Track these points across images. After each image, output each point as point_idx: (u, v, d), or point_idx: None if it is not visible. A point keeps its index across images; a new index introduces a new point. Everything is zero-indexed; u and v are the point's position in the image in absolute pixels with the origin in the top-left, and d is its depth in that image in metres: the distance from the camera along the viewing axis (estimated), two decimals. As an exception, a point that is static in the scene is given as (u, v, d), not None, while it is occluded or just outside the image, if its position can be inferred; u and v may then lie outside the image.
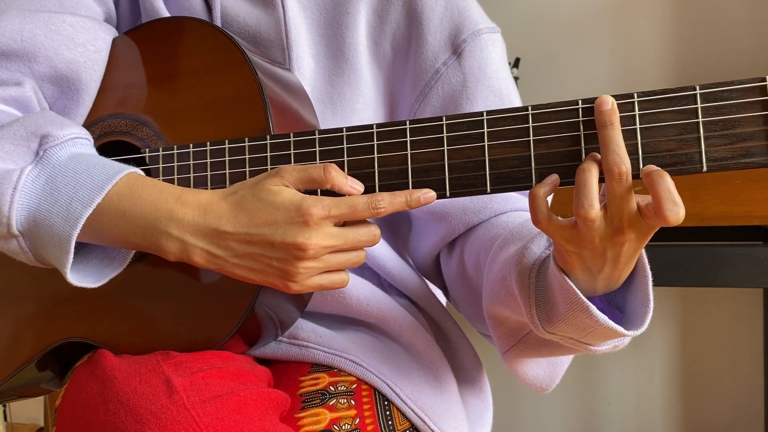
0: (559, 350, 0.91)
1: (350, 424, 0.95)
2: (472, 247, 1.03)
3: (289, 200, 0.82)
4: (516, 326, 0.94)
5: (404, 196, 0.83)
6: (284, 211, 0.81)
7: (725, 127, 0.70)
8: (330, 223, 0.82)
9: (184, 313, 0.93)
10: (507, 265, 0.89)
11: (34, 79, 0.97)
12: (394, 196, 0.83)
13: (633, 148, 0.73)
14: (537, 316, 0.84)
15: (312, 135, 0.87)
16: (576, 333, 0.82)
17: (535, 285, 0.84)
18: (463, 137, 0.81)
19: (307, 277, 0.84)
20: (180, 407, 0.78)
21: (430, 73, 1.06)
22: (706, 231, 1.58)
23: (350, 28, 1.06)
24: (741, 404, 1.96)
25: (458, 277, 1.07)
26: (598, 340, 0.83)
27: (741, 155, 0.70)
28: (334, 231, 0.83)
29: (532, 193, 0.77)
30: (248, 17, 1.06)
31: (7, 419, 2.10)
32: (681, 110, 0.72)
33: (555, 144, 0.77)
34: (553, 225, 0.76)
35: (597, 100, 0.74)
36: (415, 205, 0.82)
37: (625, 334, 0.79)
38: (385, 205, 0.82)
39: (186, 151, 0.93)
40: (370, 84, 1.08)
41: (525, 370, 0.99)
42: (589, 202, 0.72)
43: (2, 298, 1.06)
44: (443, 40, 1.05)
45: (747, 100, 0.69)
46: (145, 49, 1.02)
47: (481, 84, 1.05)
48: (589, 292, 0.80)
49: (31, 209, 0.85)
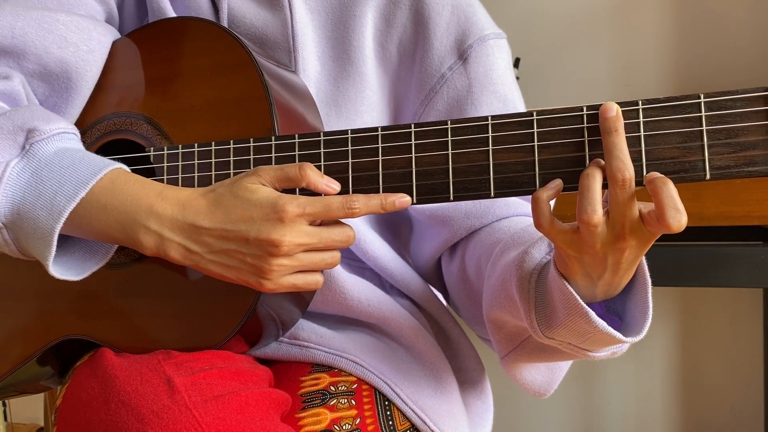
0: (558, 356, 0.92)
1: (351, 424, 0.95)
2: (474, 251, 1.03)
3: (265, 198, 0.82)
4: (515, 331, 0.94)
5: (379, 199, 0.83)
6: (260, 208, 0.82)
7: (729, 135, 0.70)
8: (305, 221, 0.83)
9: (185, 313, 0.93)
10: (507, 270, 0.89)
11: (24, 76, 0.98)
12: (369, 198, 0.83)
13: (637, 155, 0.73)
14: (536, 320, 0.84)
15: (317, 136, 0.87)
16: (575, 338, 0.83)
17: (535, 290, 0.84)
18: (467, 141, 0.81)
19: (281, 275, 0.84)
20: (182, 407, 0.78)
21: (436, 77, 1.06)
22: (706, 231, 1.58)
23: (356, 31, 1.06)
24: (741, 404, 1.96)
25: (459, 281, 1.07)
26: (597, 346, 0.83)
27: (744, 164, 0.70)
28: (309, 229, 0.83)
29: (535, 197, 0.77)
30: (255, 19, 1.06)
31: (7, 419, 2.09)
32: (685, 118, 0.72)
33: (559, 149, 0.77)
34: (555, 229, 0.76)
35: (602, 107, 0.74)
36: (390, 208, 0.83)
37: (623, 340, 0.79)
38: (360, 206, 0.83)
39: (191, 150, 0.93)
40: (375, 87, 1.08)
41: (523, 375, 0.99)
42: (592, 207, 0.72)
43: (5, 293, 1.06)
44: (449, 45, 1.06)
45: (751, 109, 0.70)
46: (152, 49, 1.02)
47: (486, 90, 1.05)
48: (589, 298, 0.81)
49: (16, 202, 0.85)
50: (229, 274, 0.85)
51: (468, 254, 1.05)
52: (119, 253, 0.97)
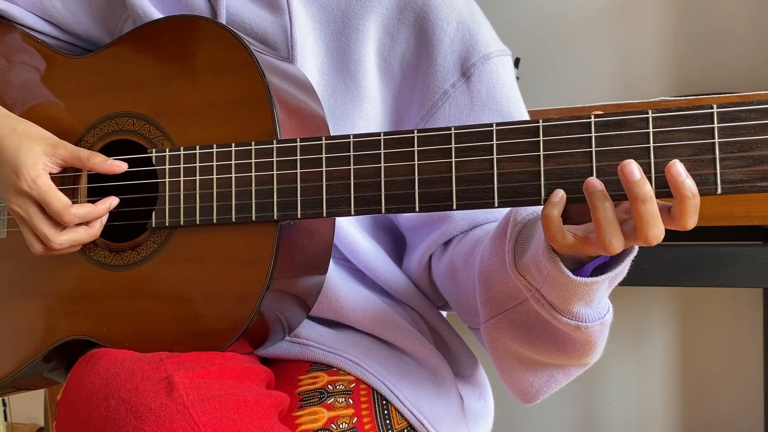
0: (536, 333, 0.91)
1: (348, 423, 0.95)
2: (465, 243, 1.03)
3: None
4: (501, 297, 0.93)
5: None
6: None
7: (742, 148, 0.68)
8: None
9: (188, 316, 0.93)
10: (502, 222, 0.90)
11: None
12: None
13: (646, 167, 0.71)
14: (514, 251, 0.85)
15: (319, 141, 0.86)
16: (538, 277, 0.82)
17: (519, 232, 0.85)
18: (471, 149, 0.79)
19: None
20: (179, 405, 0.78)
21: (438, 94, 1.05)
22: (706, 231, 1.58)
23: (358, 45, 1.06)
24: (741, 404, 1.96)
25: (447, 270, 1.07)
26: (555, 291, 0.81)
27: (758, 178, 0.67)
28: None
29: (548, 217, 0.75)
30: (254, 23, 1.05)
31: (7, 419, 2.09)
32: (697, 130, 0.70)
33: (566, 160, 0.75)
34: (567, 244, 0.75)
35: (623, 169, 0.70)
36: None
37: (572, 279, 0.78)
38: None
39: (192, 152, 0.93)
40: (374, 101, 1.08)
41: (512, 369, 0.97)
42: (617, 238, 0.71)
43: (11, 292, 1.07)
44: (453, 61, 1.05)
45: (766, 121, 0.67)
46: (153, 48, 1.01)
47: (487, 108, 1.05)
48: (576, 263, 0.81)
49: None
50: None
51: (460, 245, 1.05)
52: (123, 255, 0.98)
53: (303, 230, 0.94)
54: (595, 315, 0.82)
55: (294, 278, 0.96)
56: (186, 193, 0.93)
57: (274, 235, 0.89)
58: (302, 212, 0.87)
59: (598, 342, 0.86)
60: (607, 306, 0.84)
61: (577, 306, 0.80)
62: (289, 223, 0.90)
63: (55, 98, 1.08)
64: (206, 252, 0.93)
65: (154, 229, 0.96)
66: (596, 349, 0.87)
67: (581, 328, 0.82)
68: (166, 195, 0.94)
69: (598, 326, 0.83)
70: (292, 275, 0.95)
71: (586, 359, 0.89)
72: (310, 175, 0.87)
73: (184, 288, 0.94)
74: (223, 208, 0.91)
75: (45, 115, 1.06)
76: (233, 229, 0.91)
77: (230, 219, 0.91)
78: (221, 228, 0.92)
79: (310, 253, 0.97)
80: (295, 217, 0.87)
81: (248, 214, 0.90)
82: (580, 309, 0.81)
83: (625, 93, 1.99)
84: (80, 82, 1.06)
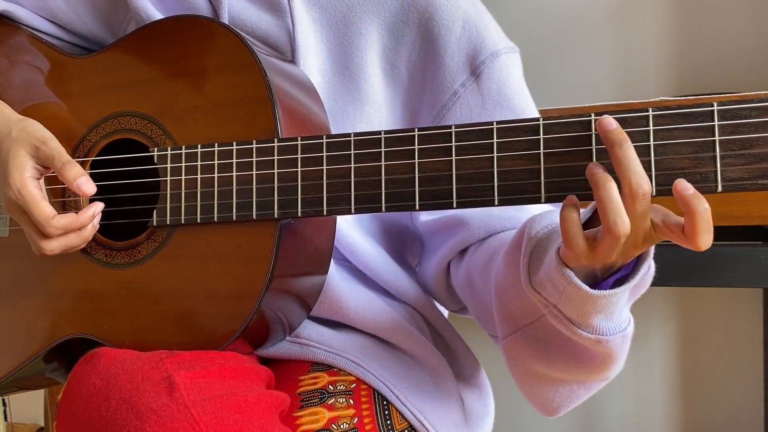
0: (555, 347, 0.90)
1: (348, 423, 0.95)
2: (489, 244, 1.02)
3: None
4: (518, 313, 0.92)
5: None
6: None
7: (743, 146, 0.68)
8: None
9: (189, 314, 0.93)
10: (516, 238, 0.89)
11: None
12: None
13: (646, 165, 0.70)
14: (528, 266, 0.83)
15: (319, 139, 0.87)
16: (554, 293, 0.80)
17: (534, 246, 0.84)
18: (471, 147, 0.79)
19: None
20: (180, 405, 0.78)
21: (448, 94, 1.04)
22: (706, 231, 1.58)
23: (361, 48, 1.05)
24: (741, 404, 1.96)
25: (464, 279, 1.06)
26: (574, 306, 0.80)
27: (758, 176, 0.67)
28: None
29: (568, 218, 0.74)
30: (256, 25, 1.05)
31: (7, 419, 2.09)
32: (697, 127, 0.70)
33: (566, 158, 0.75)
34: (581, 251, 0.74)
35: (599, 122, 0.72)
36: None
37: (590, 293, 0.76)
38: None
39: (194, 151, 0.93)
40: (379, 105, 1.07)
41: (532, 385, 0.96)
42: (621, 218, 0.70)
43: (12, 291, 1.07)
44: (461, 61, 1.04)
45: (766, 119, 0.67)
46: (156, 48, 1.02)
47: (499, 105, 1.04)
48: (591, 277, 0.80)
49: None
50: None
51: (476, 255, 1.04)
52: (124, 253, 0.98)
53: (304, 229, 0.94)
54: (616, 328, 0.81)
55: (294, 277, 0.96)
56: (187, 191, 0.94)
57: (275, 234, 0.89)
58: (303, 210, 0.87)
59: (619, 355, 0.84)
60: (628, 318, 0.83)
61: (596, 319, 0.79)
62: (290, 221, 0.90)
63: (58, 98, 1.08)
64: (207, 250, 0.93)
65: (154, 228, 0.96)
66: (617, 362, 0.86)
67: (602, 341, 0.81)
68: (167, 193, 0.95)
69: (619, 339, 0.81)
70: (293, 274, 0.95)
71: (606, 373, 0.88)
72: (310, 174, 0.87)
73: (184, 286, 0.94)
74: (224, 206, 0.91)
75: (48, 115, 1.06)
76: (234, 227, 0.92)
77: (231, 217, 0.91)
78: (222, 226, 0.92)
79: (311, 253, 0.97)
80: (295, 215, 0.88)
81: (249, 213, 0.90)
82: (600, 322, 0.80)
83: (625, 93, 1.98)
84: (83, 82, 1.07)
